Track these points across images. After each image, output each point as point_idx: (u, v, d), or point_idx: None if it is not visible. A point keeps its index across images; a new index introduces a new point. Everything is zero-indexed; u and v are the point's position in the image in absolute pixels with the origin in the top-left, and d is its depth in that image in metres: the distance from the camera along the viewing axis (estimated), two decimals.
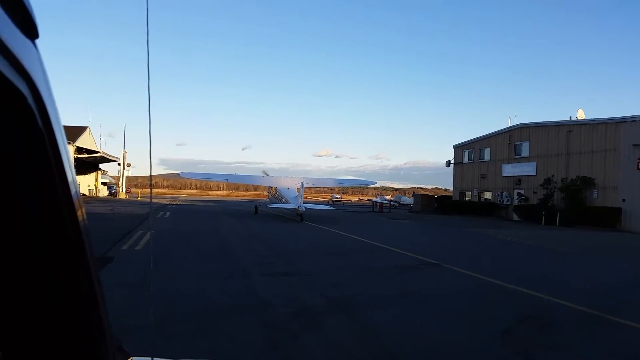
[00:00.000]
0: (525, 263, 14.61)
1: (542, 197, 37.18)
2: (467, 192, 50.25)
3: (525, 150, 41.88)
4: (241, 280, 9.65)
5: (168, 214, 32.43)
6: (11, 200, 0.70)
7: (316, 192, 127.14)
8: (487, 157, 46.91)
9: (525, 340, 6.42)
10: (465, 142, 51.06)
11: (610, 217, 31.75)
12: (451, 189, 54.56)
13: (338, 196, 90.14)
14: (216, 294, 8.36)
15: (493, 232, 26.37)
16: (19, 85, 0.63)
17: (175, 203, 53.39)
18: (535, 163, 40.39)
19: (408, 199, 73.60)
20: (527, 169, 41.19)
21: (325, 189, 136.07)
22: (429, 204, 51.47)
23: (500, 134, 45.42)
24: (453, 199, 51.88)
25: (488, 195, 46.59)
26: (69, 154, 0.79)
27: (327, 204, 77.69)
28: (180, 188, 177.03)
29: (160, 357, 1.37)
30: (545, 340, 6.40)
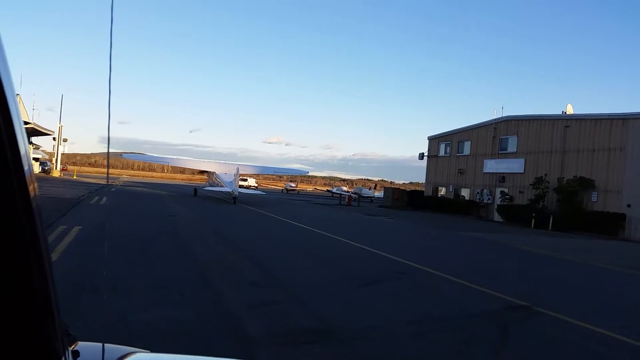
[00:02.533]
0: (618, 294, 10.44)
1: (533, 197, 33.84)
2: (440, 188, 46.68)
3: (512, 146, 38.46)
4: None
5: (105, 199, 26.57)
6: None
7: (264, 179, 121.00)
8: (467, 151, 43.32)
9: None
10: (442, 133, 47.33)
11: (612, 224, 28.67)
12: (400, 182, 51.88)
13: (293, 185, 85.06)
14: None
15: (494, 236, 22.46)
16: None
17: (115, 184, 47.40)
18: (523, 160, 37.04)
19: (369, 192, 69.99)
20: (513, 166, 37.82)
21: (274, 177, 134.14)
22: (400, 199, 47.61)
23: (483, 126, 41.84)
24: (425, 194, 48.18)
25: (465, 192, 43.09)
26: (22, 123, 0.67)
27: (282, 192, 73.37)
28: (122, 168, 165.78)
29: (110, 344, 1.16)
30: None
